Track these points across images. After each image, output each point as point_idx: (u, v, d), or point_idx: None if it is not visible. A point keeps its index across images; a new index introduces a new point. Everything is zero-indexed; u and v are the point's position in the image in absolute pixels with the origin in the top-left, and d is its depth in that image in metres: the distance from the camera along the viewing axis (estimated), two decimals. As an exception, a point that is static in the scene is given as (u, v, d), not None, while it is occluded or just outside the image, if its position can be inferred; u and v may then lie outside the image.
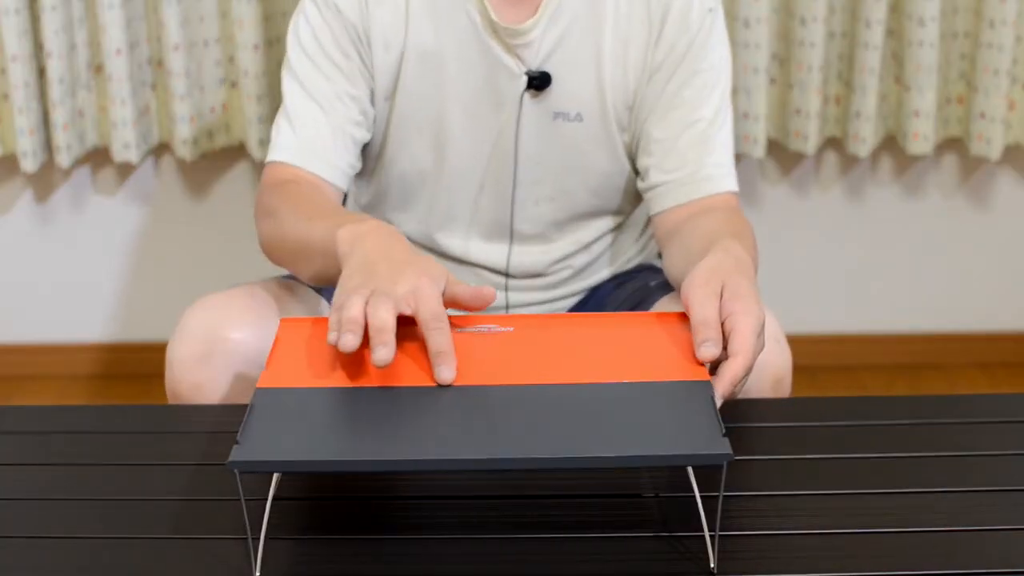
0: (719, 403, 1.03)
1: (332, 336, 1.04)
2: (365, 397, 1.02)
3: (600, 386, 1.02)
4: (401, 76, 1.45)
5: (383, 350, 1.01)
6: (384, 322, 1.03)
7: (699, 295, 1.10)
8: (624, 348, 1.09)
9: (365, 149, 1.50)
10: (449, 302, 1.10)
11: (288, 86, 1.44)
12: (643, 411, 0.99)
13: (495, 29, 1.42)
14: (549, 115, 1.45)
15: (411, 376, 1.04)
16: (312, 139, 1.42)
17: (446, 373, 1.03)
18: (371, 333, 1.03)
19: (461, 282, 1.12)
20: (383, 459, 0.93)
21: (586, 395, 1.01)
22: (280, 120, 1.44)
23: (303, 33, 1.44)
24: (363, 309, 1.04)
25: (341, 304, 1.06)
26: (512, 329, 1.12)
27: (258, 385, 1.04)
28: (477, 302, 1.11)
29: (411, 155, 1.48)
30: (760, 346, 1.10)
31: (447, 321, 1.06)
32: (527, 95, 1.44)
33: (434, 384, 1.03)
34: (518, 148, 1.46)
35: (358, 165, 1.47)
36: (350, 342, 1.03)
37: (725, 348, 1.07)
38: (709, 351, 1.05)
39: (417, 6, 1.43)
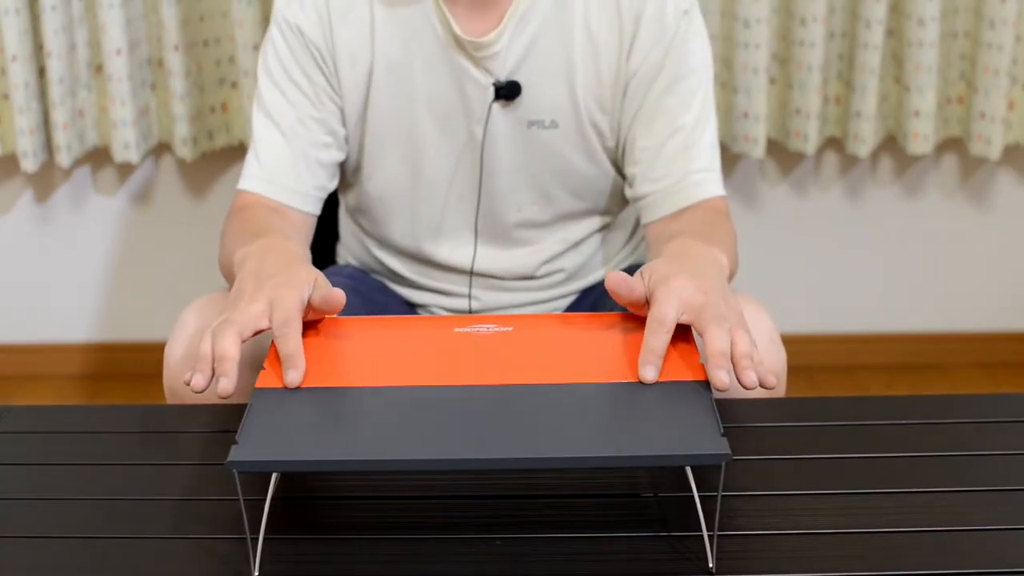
0: (720, 382, 1.02)
1: (186, 376, 1.06)
2: (363, 397, 1.02)
3: (599, 386, 1.03)
4: (371, 92, 1.45)
5: (223, 380, 1.03)
6: (225, 351, 1.05)
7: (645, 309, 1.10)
8: (623, 348, 1.09)
9: (343, 165, 1.51)
10: (309, 307, 1.11)
11: (255, 115, 1.47)
12: (642, 411, 0.99)
13: (460, 42, 1.42)
14: (523, 124, 1.45)
15: (411, 376, 1.04)
16: (274, 167, 1.44)
17: (292, 375, 1.04)
18: (215, 364, 1.05)
19: (327, 286, 1.12)
20: (382, 459, 0.93)
21: (585, 395, 1.01)
22: (250, 148, 1.47)
23: (269, 59, 1.46)
24: (211, 344, 1.07)
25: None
26: (511, 329, 1.12)
27: (256, 385, 1.04)
28: (326, 306, 1.11)
29: (387, 169, 1.49)
30: (694, 298, 1.08)
31: (296, 327, 1.07)
32: (497, 105, 1.44)
33: (435, 384, 1.03)
34: (493, 158, 1.46)
35: (329, 186, 1.48)
36: (199, 382, 1.05)
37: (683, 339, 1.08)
38: (649, 373, 1.04)
39: (382, 22, 1.43)
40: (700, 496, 1.00)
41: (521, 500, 1.03)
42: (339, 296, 1.12)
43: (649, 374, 1.03)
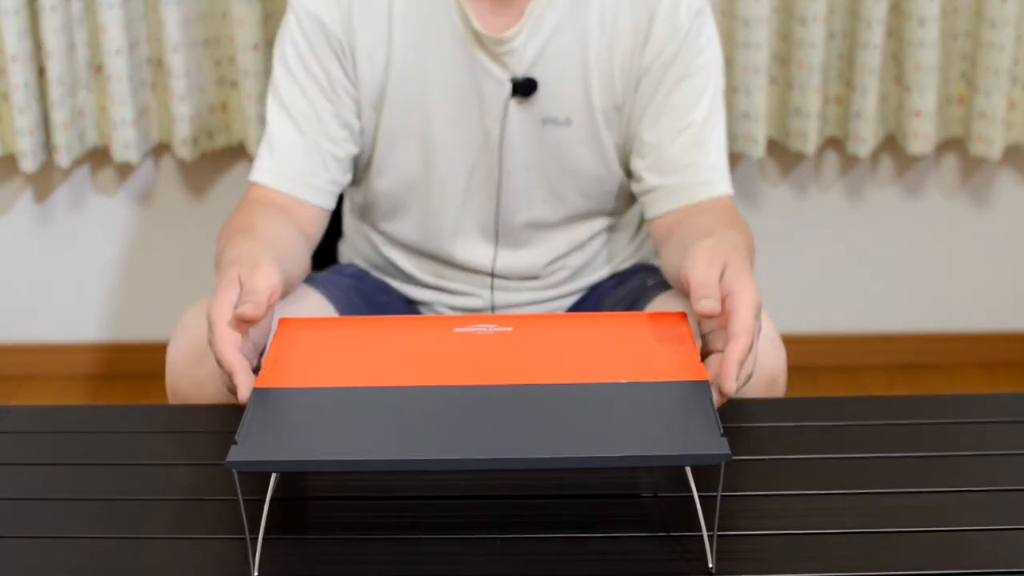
0: (733, 387, 1.03)
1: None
2: (363, 397, 1.02)
3: (599, 386, 1.03)
4: (387, 86, 1.45)
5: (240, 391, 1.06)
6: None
7: (701, 264, 1.12)
8: (623, 348, 1.09)
9: (356, 159, 1.50)
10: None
11: (269, 105, 1.46)
12: (642, 411, 0.99)
13: (479, 38, 1.42)
14: (538, 121, 1.45)
15: (410, 376, 1.04)
16: (287, 160, 1.44)
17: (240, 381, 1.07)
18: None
19: (254, 290, 1.12)
20: (381, 459, 0.94)
21: (585, 395, 1.01)
22: (262, 140, 1.46)
23: (287, 49, 1.45)
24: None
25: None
26: (511, 329, 1.12)
27: (256, 385, 1.04)
28: (243, 317, 1.12)
29: (399, 164, 1.49)
30: (758, 328, 1.11)
31: (216, 335, 1.09)
32: (513, 101, 1.44)
33: (435, 384, 1.03)
34: (508, 154, 1.47)
35: (343, 180, 1.48)
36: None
37: (723, 338, 1.08)
38: (708, 305, 1.07)
39: (401, 16, 1.43)
40: (700, 496, 1.00)
41: (521, 500, 1.03)
42: (250, 313, 1.11)
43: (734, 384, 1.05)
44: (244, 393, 1.04)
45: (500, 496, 1.04)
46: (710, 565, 0.95)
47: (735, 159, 2.44)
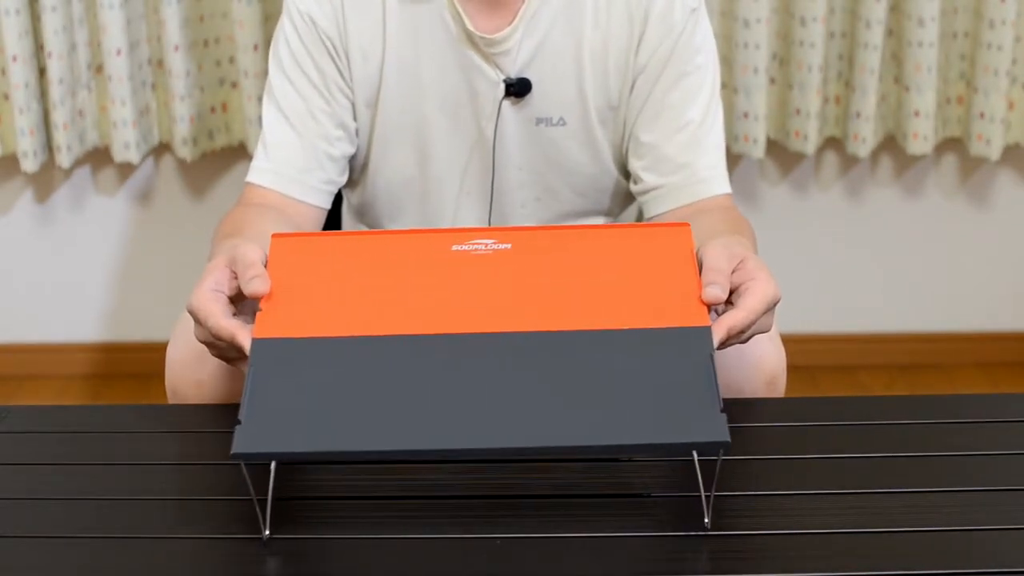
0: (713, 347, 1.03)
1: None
2: (363, 355, 1.00)
3: (594, 336, 1.01)
4: (382, 86, 1.45)
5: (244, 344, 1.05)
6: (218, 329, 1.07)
7: (717, 252, 1.10)
8: (624, 277, 1.07)
9: (352, 160, 1.51)
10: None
11: (265, 106, 1.47)
12: (638, 380, 0.98)
13: (472, 39, 1.42)
14: (531, 121, 1.46)
15: (407, 319, 1.03)
16: (283, 160, 1.44)
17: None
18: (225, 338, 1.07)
19: (248, 271, 1.08)
20: (383, 449, 0.96)
21: (580, 351, 1.00)
22: (259, 141, 1.47)
23: (281, 50, 1.46)
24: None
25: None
26: (510, 246, 1.09)
27: (254, 335, 1.02)
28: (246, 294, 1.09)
29: (394, 164, 1.49)
30: (767, 325, 1.11)
31: (204, 315, 1.07)
32: (507, 102, 1.44)
33: (431, 333, 1.02)
34: (501, 154, 1.47)
35: (339, 180, 1.48)
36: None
37: (730, 302, 1.08)
38: (714, 292, 1.05)
39: (394, 16, 1.43)
40: (700, 461, 1.00)
41: (521, 500, 1.03)
42: (261, 287, 1.07)
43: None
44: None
45: (499, 496, 1.04)
46: (706, 521, 0.97)
47: (735, 159, 2.44)
